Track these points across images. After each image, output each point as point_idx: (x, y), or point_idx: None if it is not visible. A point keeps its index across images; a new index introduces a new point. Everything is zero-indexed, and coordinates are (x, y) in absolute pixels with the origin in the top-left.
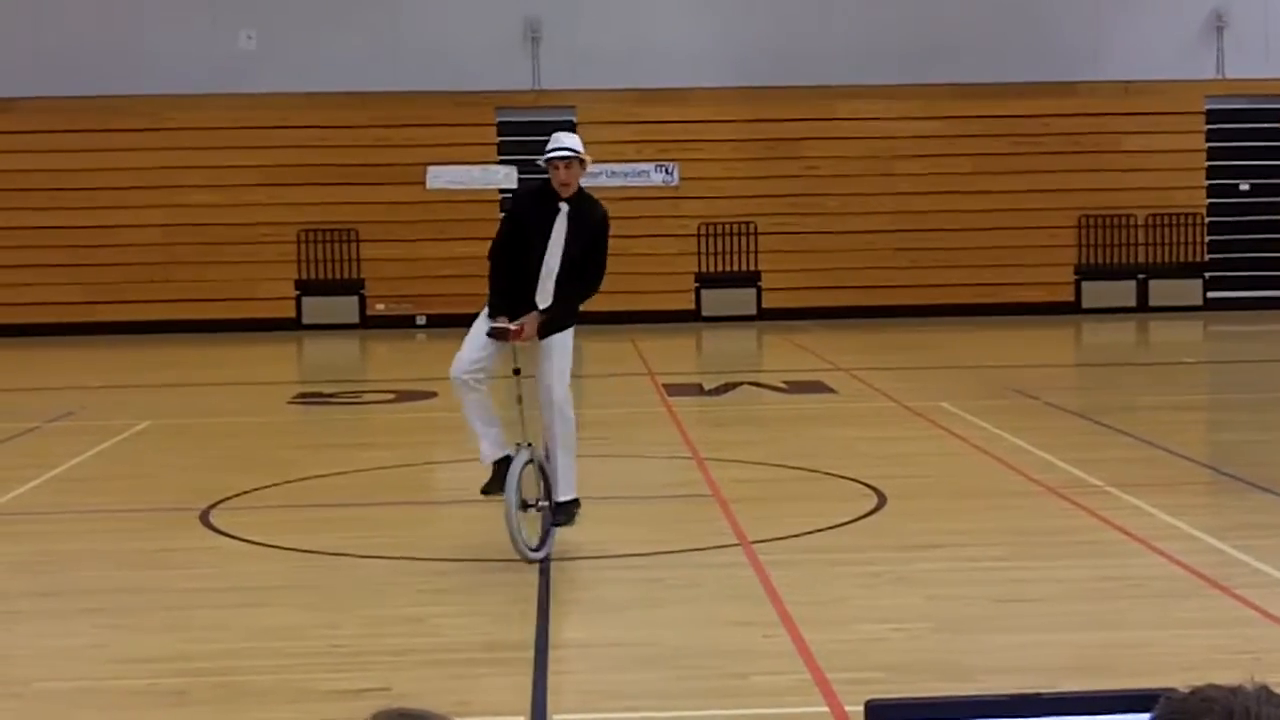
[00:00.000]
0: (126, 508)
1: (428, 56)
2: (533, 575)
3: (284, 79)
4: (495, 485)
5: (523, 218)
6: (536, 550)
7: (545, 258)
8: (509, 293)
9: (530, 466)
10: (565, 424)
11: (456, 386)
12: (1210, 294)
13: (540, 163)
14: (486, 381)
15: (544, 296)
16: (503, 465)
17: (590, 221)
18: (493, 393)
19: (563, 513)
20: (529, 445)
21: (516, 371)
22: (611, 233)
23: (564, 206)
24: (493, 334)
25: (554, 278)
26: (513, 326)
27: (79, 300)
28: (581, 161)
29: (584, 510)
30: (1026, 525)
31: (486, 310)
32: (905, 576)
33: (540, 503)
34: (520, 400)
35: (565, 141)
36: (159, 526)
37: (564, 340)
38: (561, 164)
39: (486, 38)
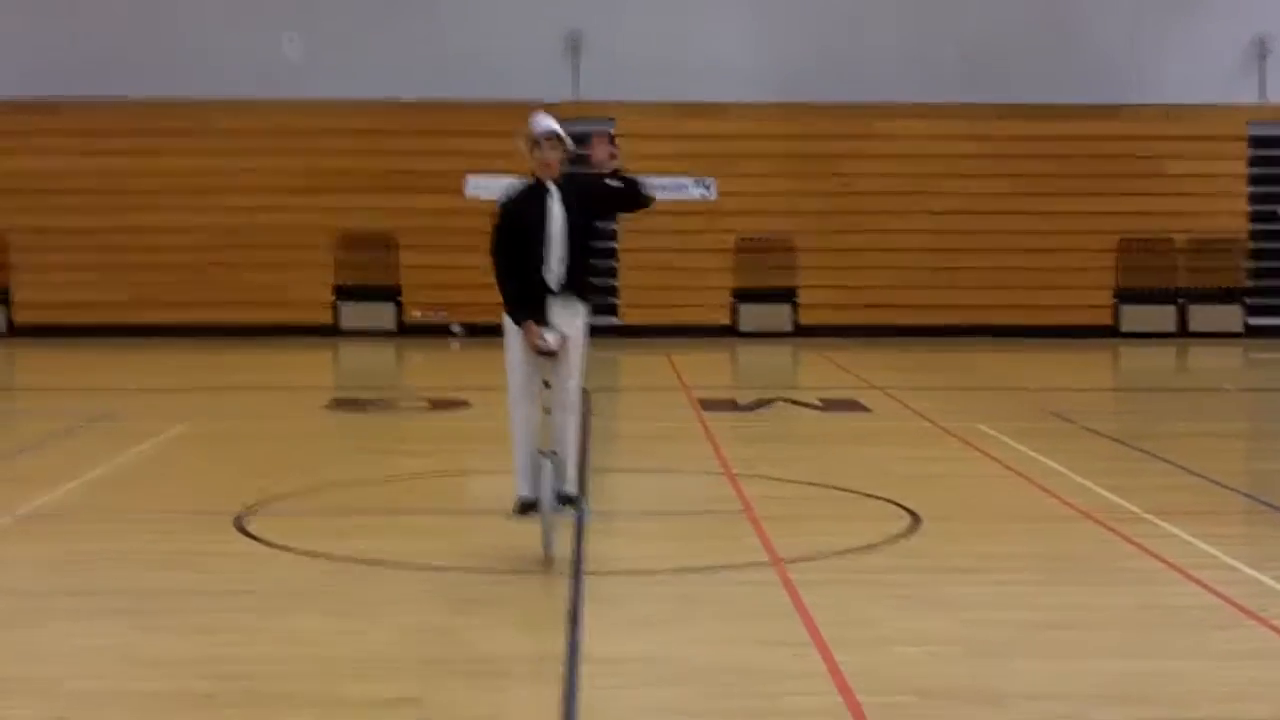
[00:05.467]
0: (160, 510)
1: (469, 65)
2: (563, 588)
3: (326, 85)
4: (524, 512)
5: (518, 215)
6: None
7: (549, 244)
8: (526, 296)
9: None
10: (579, 420)
11: (518, 410)
12: (1250, 320)
13: (520, 144)
14: (540, 406)
15: (553, 277)
16: (529, 506)
17: (580, 186)
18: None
19: (585, 502)
20: (553, 453)
21: (547, 384)
22: (648, 246)
23: (552, 189)
24: (543, 355)
25: (561, 258)
26: (554, 346)
27: (119, 301)
28: (563, 142)
29: (616, 524)
30: (1062, 550)
31: (509, 320)
32: (938, 599)
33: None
34: (548, 411)
35: (550, 124)
36: (192, 530)
37: (581, 340)
38: (547, 145)
39: (528, 47)
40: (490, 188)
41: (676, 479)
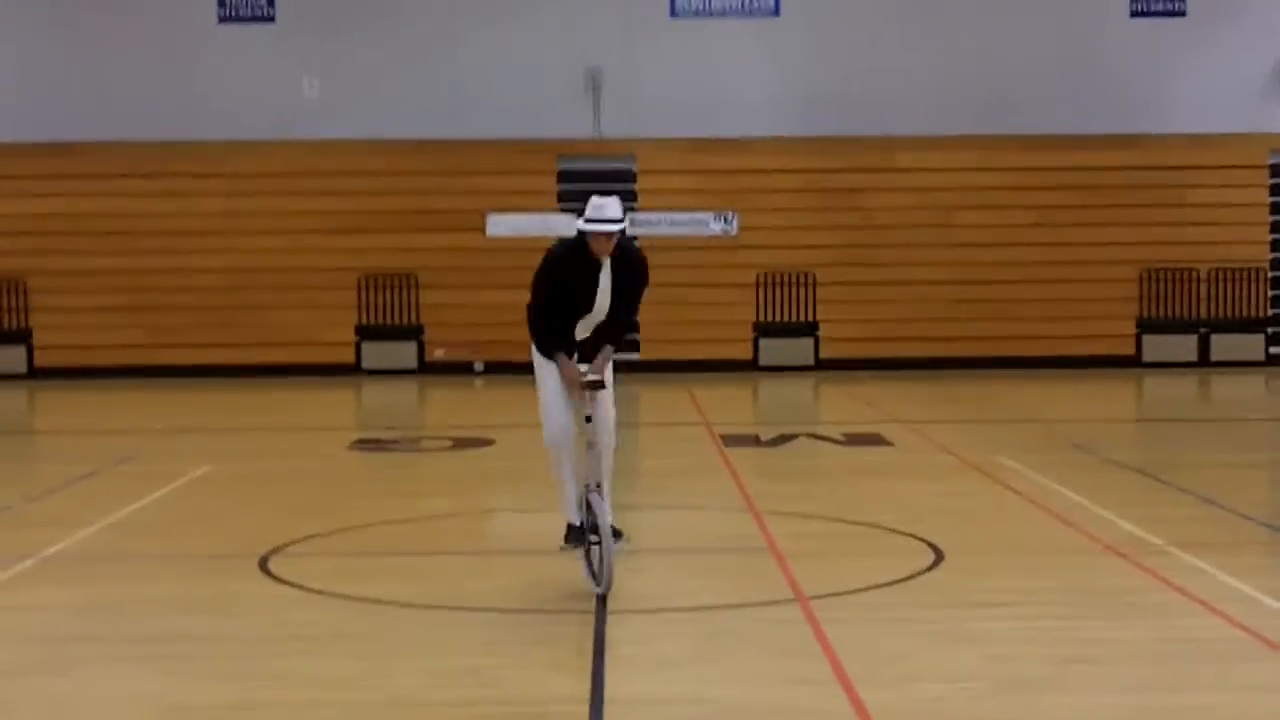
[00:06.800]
0: (185, 553)
1: (489, 104)
2: (588, 627)
3: (346, 126)
4: (578, 540)
5: (566, 274)
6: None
7: (594, 308)
8: (562, 336)
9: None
10: (612, 454)
11: (558, 451)
12: (1273, 349)
13: (580, 227)
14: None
15: (583, 332)
16: (581, 533)
17: (632, 263)
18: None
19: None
20: (598, 486)
21: (589, 419)
22: (669, 281)
23: (606, 261)
24: (589, 386)
25: (597, 321)
26: (597, 377)
27: (140, 344)
28: (622, 232)
29: (639, 563)
30: (1086, 584)
31: (540, 356)
32: (963, 635)
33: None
34: (591, 446)
35: (609, 212)
36: (217, 573)
37: (611, 376)
38: (604, 236)
39: (548, 86)
40: (513, 226)
41: (699, 516)
